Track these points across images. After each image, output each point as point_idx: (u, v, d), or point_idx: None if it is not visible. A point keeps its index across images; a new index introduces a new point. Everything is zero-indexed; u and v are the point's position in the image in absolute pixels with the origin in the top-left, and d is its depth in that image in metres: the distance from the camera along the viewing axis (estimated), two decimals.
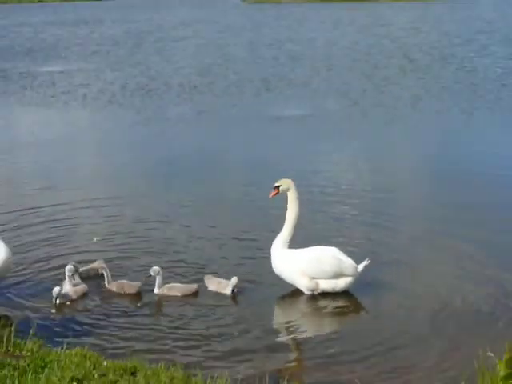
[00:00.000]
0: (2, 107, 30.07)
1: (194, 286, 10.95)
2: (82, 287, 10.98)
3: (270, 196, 10.95)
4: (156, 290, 10.89)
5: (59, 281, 11.26)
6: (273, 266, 10.79)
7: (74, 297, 10.74)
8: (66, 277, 10.92)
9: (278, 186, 10.82)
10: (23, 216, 14.91)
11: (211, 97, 29.91)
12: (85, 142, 23.84)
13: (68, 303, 10.59)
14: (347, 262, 10.64)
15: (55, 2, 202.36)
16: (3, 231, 12.95)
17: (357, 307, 10.57)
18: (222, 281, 11.01)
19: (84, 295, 10.90)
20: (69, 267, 10.99)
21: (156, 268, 11.06)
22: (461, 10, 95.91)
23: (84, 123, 26.53)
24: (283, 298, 10.89)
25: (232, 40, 58.48)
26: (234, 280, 10.83)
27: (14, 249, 11.50)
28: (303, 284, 10.70)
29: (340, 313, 10.49)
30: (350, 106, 26.37)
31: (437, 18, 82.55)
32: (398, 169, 19.09)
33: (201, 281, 11.14)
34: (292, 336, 9.84)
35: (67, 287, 10.83)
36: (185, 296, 10.82)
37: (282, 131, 22.77)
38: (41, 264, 12.09)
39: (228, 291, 10.84)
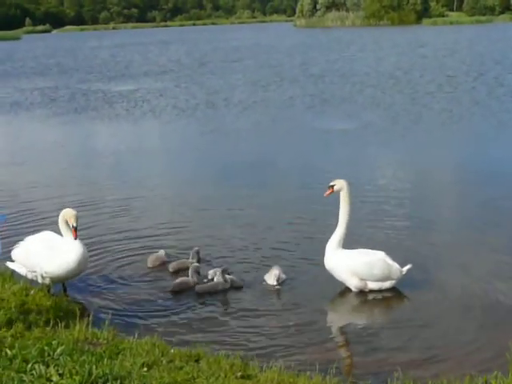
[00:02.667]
0: (84, 120, 30.40)
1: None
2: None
3: (326, 194, 10.85)
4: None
5: (133, 273, 11.41)
6: (325, 263, 10.71)
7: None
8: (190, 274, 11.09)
9: (333, 186, 10.75)
10: (101, 212, 15.14)
11: (267, 111, 29.98)
12: (155, 149, 24.08)
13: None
14: (394, 267, 10.57)
15: (127, 28, 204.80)
16: (85, 228, 13.08)
17: (399, 302, 10.49)
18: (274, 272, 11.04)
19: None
20: (194, 265, 11.21)
21: (212, 271, 11.14)
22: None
23: (154, 134, 26.82)
24: (332, 292, 10.81)
25: (285, 60, 58.57)
26: (279, 272, 10.95)
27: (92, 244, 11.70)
28: (353, 283, 10.63)
29: (384, 307, 10.45)
30: (391, 120, 26.24)
31: (469, 39, 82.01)
32: (435, 174, 18.99)
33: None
34: (339, 328, 9.81)
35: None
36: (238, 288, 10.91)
37: (330, 141, 22.77)
38: (116, 258, 12.21)
39: (274, 282, 10.89)
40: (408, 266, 10.63)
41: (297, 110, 30.06)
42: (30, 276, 10.40)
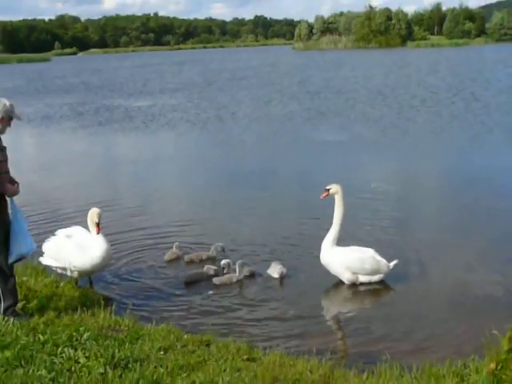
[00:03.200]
0: (107, 132, 30.48)
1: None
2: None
3: (322, 197, 10.86)
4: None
5: (151, 266, 11.42)
6: (321, 259, 10.72)
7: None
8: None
9: (329, 189, 10.78)
10: (121, 212, 15.18)
11: (269, 124, 29.98)
12: (170, 158, 24.04)
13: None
14: (382, 262, 10.62)
15: (144, 51, 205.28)
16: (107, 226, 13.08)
17: (387, 294, 10.48)
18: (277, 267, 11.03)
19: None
20: (223, 262, 11.22)
21: (225, 261, 11.19)
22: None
23: (169, 144, 26.80)
24: (327, 285, 10.80)
25: (285, 79, 58.67)
26: (281, 267, 11.01)
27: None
28: (346, 277, 10.65)
29: (373, 298, 10.44)
30: (380, 131, 26.20)
31: (449, 60, 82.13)
32: (420, 179, 19.01)
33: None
34: (334, 317, 9.81)
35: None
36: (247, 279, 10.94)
37: (326, 151, 22.76)
38: (136, 253, 12.24)
39: (277, 276, 10.91)
40: (394, 262, 10.67)
41: (296, 122, 30.06)
42: (59, 270, 10.42)
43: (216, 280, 10.88)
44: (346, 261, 10.61)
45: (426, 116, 30.16)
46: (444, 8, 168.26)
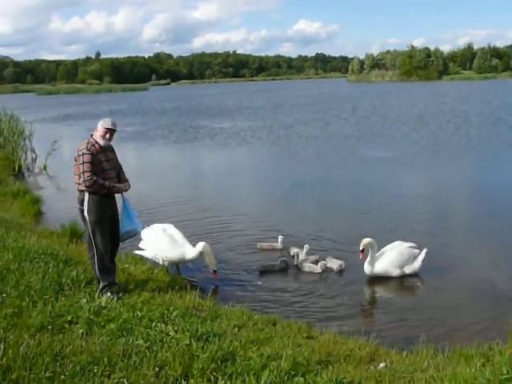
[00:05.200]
0: (194, 148, 30.72)
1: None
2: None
3: (361, 257, 10.30)
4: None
5: (229, 258, 11.46)
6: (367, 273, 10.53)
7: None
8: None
9: (363, 249, 10.24)
10: (203, 213, 15.25)
11: (328, 142, 29.85)
12: (246, 168, 24.26)
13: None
14: (413, 248, 10.60)
15: (225, 82, 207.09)
16: (190, 224, 13.23)
17: (424, 287, 10.25)
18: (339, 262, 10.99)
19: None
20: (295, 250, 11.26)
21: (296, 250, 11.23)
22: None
23: (245, 157, 26.83)
24: (376, 279, 10.61)
25: (340, 105, 58.43)
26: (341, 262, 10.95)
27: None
28: (396, 273, 10.45)
29: (413, 290, 10.24)
30: (420, 150, 25.82)
31: (479, 91, 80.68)
32: (452, 189, 18.63)
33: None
34: (379, 304, 9.70)
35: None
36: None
37: (374, 165, 22.53)
38: (217, 245, 12.26)
39: (336, 268, 10.84)
40: (425, 250, 10.54)
41: (349, 141, 29.82)
42: (154, 259, 10.58)
43: (301, 266, 10.90)
44: (388, 262, 10.42)
45: (459, 137, 29.63)
46: (475, 47, 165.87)
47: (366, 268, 10.37)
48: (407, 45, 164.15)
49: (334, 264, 10.90)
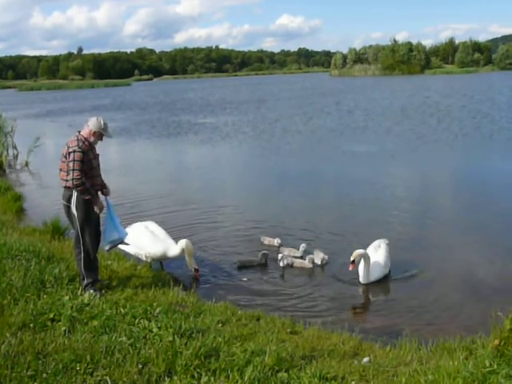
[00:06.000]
0: (176, 143, 30.72)
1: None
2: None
3: (350, 269, 9.71)
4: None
5: (209, 254, 11.42)
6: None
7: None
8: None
9: (353, 260, 9.66)
10: (187, 207, 15.18)
11: (311, 136, 29.80)
12: (229, 163, 24.21)
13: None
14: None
15: (207, 78, 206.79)
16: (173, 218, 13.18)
17: (409, 281, 10.23)
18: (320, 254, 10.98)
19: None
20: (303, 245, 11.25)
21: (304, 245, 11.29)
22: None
23: (228, 152, 26.67)
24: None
25: (323, 99, 58.46)
26: (323, 254, 10.98)
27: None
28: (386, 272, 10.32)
29: (397, 284, 10.20)
30: (402, 143, 25.89)
31: (460, 85, 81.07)
32: (436, 181, 18.77)
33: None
34: (364, 298, 9.70)
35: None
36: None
37: (357, 159, 22.56)
38: (199, 242, 12.22)
39: (319, 262, 10.85)
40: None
41: (333, 135, 29.83)
42: (137, 255, 10.55)
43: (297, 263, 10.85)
44: (382, 266, 10.18)
45: (442, 130, 29.73)
46: (457, 41, 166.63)
47: (363, 278, 9.95)
48: (390, 39, 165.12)
49: (317, 258, 10.89)
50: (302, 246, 11.27)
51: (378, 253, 10.32)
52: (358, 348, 7.14)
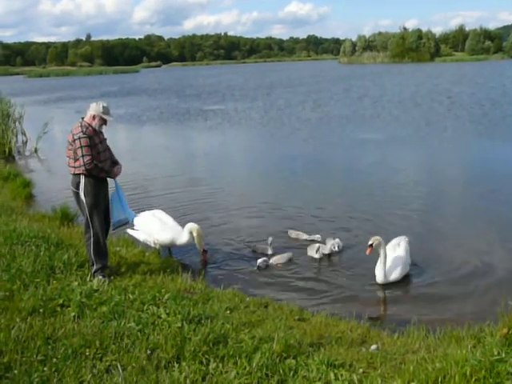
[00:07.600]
0: (185, 129, 30.68)
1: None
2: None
3: (368, 253, 9.31)
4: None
5: (220, 242, 11.44)
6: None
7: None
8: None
9: (372, 244, 9.23)
10: (196, 193, 15.20)
11: (320, 124, 29.79)
12: (238, 149, 24.19)
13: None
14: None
15: (216, 65, 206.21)
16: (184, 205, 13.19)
17: (416, 270, 10.18)
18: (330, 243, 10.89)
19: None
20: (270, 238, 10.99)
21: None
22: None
23: (236, 140, 26.73)
24: (368, 260, 10.48)
25: (332, 87, 58.28)
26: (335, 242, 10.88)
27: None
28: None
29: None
30: (411, 132, 25.75)
31: (470, 73, 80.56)
32: (446, 173, 18.54)
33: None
34: (371, 288, 9.64)
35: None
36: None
37: (367, 148, 22.47)
38: (208, 229, 12.22)
39: (327, 251, 10.72)
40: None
41: (342, 123, 29.76)
42: (145, 242, 10.59)
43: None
44: (402, 267, 9.69)
45: (451, 118, 29.59)
46: (467, 29, 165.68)
47: (379, 277, 9.44)
48: (399, 26, 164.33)
49: (327, 247, 10.81)
50: (270, 240, 10.98)
51: (397, 251, 9.87)
52: (365, 335, 7.14)
